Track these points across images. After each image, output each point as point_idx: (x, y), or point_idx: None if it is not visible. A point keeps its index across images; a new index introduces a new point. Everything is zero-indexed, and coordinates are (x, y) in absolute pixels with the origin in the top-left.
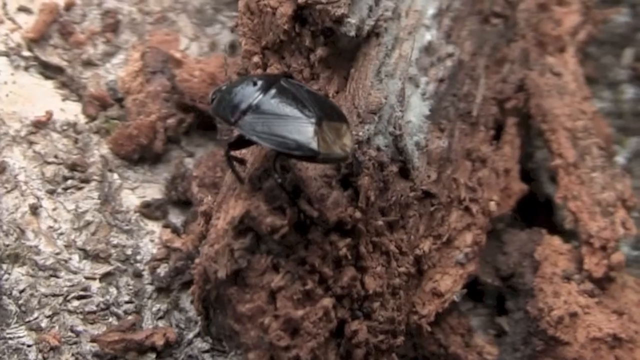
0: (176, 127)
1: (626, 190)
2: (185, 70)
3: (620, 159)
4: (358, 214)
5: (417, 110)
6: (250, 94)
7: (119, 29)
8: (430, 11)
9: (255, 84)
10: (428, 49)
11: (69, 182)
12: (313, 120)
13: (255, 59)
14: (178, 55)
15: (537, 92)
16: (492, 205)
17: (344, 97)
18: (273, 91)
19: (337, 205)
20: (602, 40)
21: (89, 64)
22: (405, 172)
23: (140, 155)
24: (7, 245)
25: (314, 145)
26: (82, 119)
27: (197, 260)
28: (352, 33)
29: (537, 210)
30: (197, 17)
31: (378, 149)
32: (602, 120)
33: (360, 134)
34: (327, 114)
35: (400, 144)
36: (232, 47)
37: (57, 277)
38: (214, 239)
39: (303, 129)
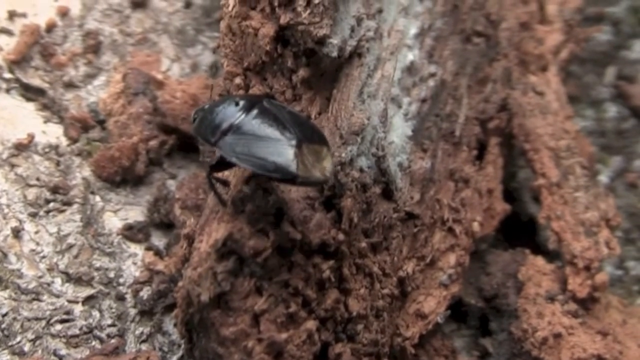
0: (158, 149)
1: (610, 209)
2: (167, 91)
3: (603, 178)
4: (341, 236)
5: (399, 130)
6: (231, 114)
7: (100, 50)
8: (412, 31)
9: (237, 104)
10: (410, 69)
11: (51, 204)
12: (293, 142)
13: (238, 80)
14: (159, 76)
15: (519, 111)
16: (476, 226)
17: (327, 118)
18: (255, 112)
19: (320, 227)
20: (584, 59)
21: (70, 85)
22: (388, 194)
23: (122, 178)
24: None
25: (293, 168)
26: (63, 141)
27: (180, 284)
28: (335, 54)
29: (520, 231)
30: (178, 38)
31: (361, 170)
32: (584, 139)
33: (343, 155)
34: (308, 137)
35: (383, 165)
36: (214, 68)
37: (40, 300)
38: (197, 262)
39: (283, 151)
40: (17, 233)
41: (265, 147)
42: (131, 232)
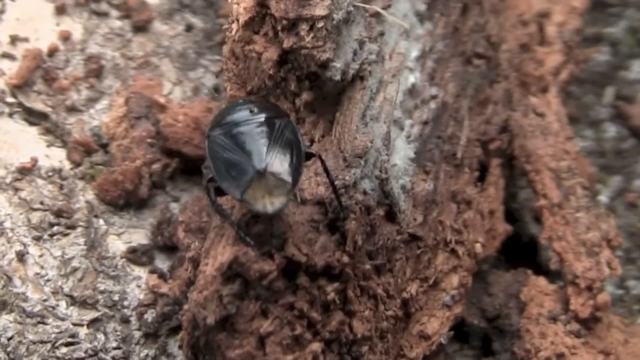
0: (161, 172)
1: (611, 230)
2: (169, 115)
3: (603, 198)
4: (346, 259)
5: (402, 153)
6: (238, 116)
7: (102, 75)
8: (414, 53)
9: (251, 111)
10: (412, 92)
11: (55, 228)
12: (258, 168)
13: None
14: (162, 100)
15: (520, 132)
16: (478, 247)
17: (330, 141)
18: (256, 123)
19: (325, 249)
20: (583, 79)
21: (72, 109)
22: (391, 216)
23: (126, 201)
24: None
25: (238, 193)
26: (67, 165)
27: (185, 307)
28: (338, 77)
29: (521, 251)
30: (179, 61)
31: (364, 193)
32: (585, 160)
33: (347, 178)
34: (278, 169)
35: (386, 187)
36: (216, 91)
37: (45, 324)
38: (203, 285)
39: (242, 171)
40: (21, 257)
41: (233, 159)
42: (135, 255)
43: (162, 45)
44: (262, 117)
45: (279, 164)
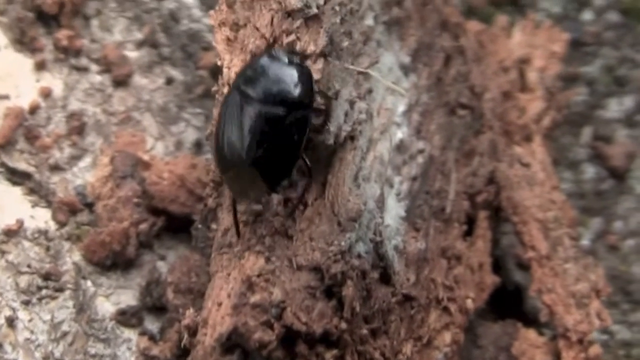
0: (148, 232)
1: (599, 280)
2: (154, 172)
3: (584, 241)
4: (344, 325)
5: (393, 212)
6: (268, 87)
7: (84, 131)
8: (401, 108)
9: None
10: (400, 147)
11: (44, 291)
12: (246, 160)
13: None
14: (146, 157)
15: (507, 184)
16: (469, 303)
17: (323, 204)
18: (277, 104)
19: (322, 317)
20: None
21: (56, 168)
22: (386, 278)
23: (113, 261)
24: None
25: (220, 165)
26: (52, 226)
27: None
28: (331, 141)
29: (506, 298)
30: (161, 115)
31: (359, 256)
32: (570, 208)
33: (343, 243)
34: (264, 169)
35: (381, 250)
36: (197, 146)
37: None
38: (202, 356)
39: (234, 150)
40: (11, 322)
41: (236, 132)
42: (124, 317)
43: (143, 99)
44: (282, 102)
45: (266, 164)
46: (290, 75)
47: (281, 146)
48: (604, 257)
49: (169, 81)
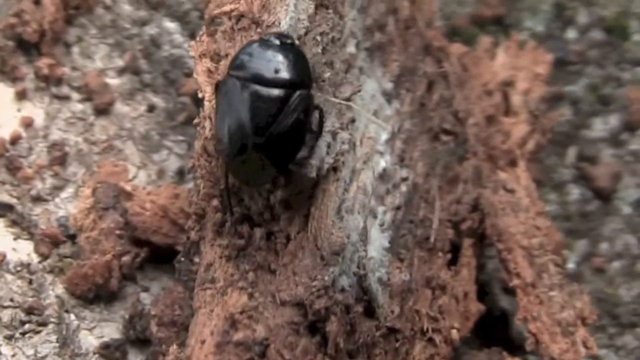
0: (131, 264)
1: (585, 307)
2: (137, 203)
3: (570, 265)
4: None
5: (377, 243)
6: (263, 68)
7: (66, 161)
8: (384, 136)
9: (277, 70)
10: (383, 176)
11: (27, 326)
12: (257, 142)
13: (215, 202)
14: (128, 187)
15: (491, 211)
16: (454, 334)
17: (306, 238)
18: (278, 85)
19: (306, 353)
20: None
21: (38, 199)
22: (370, 311)
23: (96, 294)
24: None
25: (227, 153)
26: (35, 258)
27: None
28: (313, 174)
29: (491, 324)
30: (143, 143)
31: (342, 290)
32: (555, 232)
33: (326, 278)
34: (273, 150)
35: (364, 283)
36: (180, 174)
37: None
38: None
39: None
40: None
41: (239, 117)
42: (108, 351)
43: (125, 127)
44: (284, 82)
45: (275, 145)
46: (286, 56)
47: (287, 127)
48: (590, 280)
49: (151, 108)
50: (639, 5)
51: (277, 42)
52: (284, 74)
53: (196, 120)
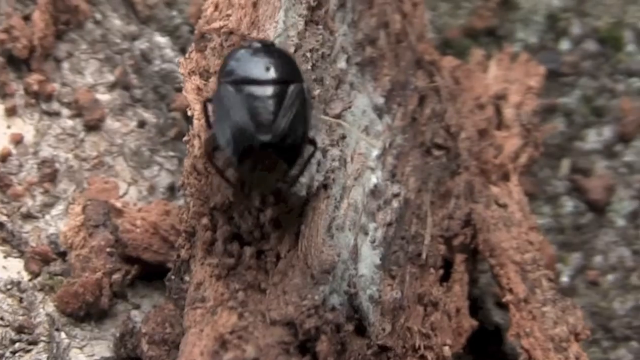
0: (121, 282)
1: (578, 322)
2: (127, 220)
3: (564, 278)
4: None
5: (368, 260)
6: (253, 69)
7: (56, 178)
8: (375, 152)
9: (268, 68)
10: (374, 192)
11: (17, 345)
12: (264, 140)
13: (204, 220)
14: (119, 204)
15: (483, 226)
16: (446, 350)
17: (296, 256)
18: (273, 82)
19: None
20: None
21: (28, 216)
22: (361, 329)
23: (86, 312)
24: None
25: (235, 156)
26: (25, 276)
27: None
28: (303, 193)
29: (484, 338)
30: (134, 159)
31: (333, 309)
32: (548, 246)
33: (316, 297)
34: (281, 144)
35: (355, 302)
36: (171, 190)
37: None
38: None
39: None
40: None
41: (240, 119)
42: None
43: (116, 143)
44: (277, 79)
45: (282, 140)
46: (273, 55)
47: (289, 121)
48: (584, 293)
49: (142, 124)
50: (633, 16)
51: (260, 45)
52: (275, 71)
53: (185, 138)
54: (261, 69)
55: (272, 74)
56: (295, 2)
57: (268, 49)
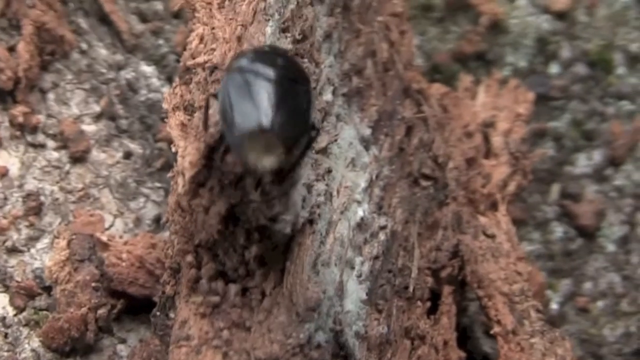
0: (107, 316)
1: (567, 354)
2: (113, 253)
3: (553, 305)
4: None
5: (354, 296)
6: (263, 63)
7: (42, 211)
8: (362, 185)
9: (275, 64)
10: (361, 226)
11: None
12: (265, 124)
13: (189, 258)
14: (104, 238)
15: (471, 257)
16: None
17: (281, 293)
18: (279, 77)
19: None
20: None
21: (13, 250)
22: None
23: (72, 347)
24: None
25: (237, 140)
26: (10, 311)
27: None
28: (288, 230)
29: None
30: (119, 191)
31: (318, 347)
32: (538, 274)
33: (301, 336)
34: (280, 131)
35: (341, 339)
36: (157, 222)
37: None
38: None
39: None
40: None
41: (244, 106)
42: None
43: (101, 175)
44: (284, 74)
45: (281, 126)
46: (282, 56)
47: (293, 114)
48: (573, 320)
49: (128, 155)
50: (623, 38)
51: (267, 48)
52: (283, 67)
53: (170, 174)
54: (270, 62)
55: (280, 69)
56: (280, 37)
57: (279, 50)
